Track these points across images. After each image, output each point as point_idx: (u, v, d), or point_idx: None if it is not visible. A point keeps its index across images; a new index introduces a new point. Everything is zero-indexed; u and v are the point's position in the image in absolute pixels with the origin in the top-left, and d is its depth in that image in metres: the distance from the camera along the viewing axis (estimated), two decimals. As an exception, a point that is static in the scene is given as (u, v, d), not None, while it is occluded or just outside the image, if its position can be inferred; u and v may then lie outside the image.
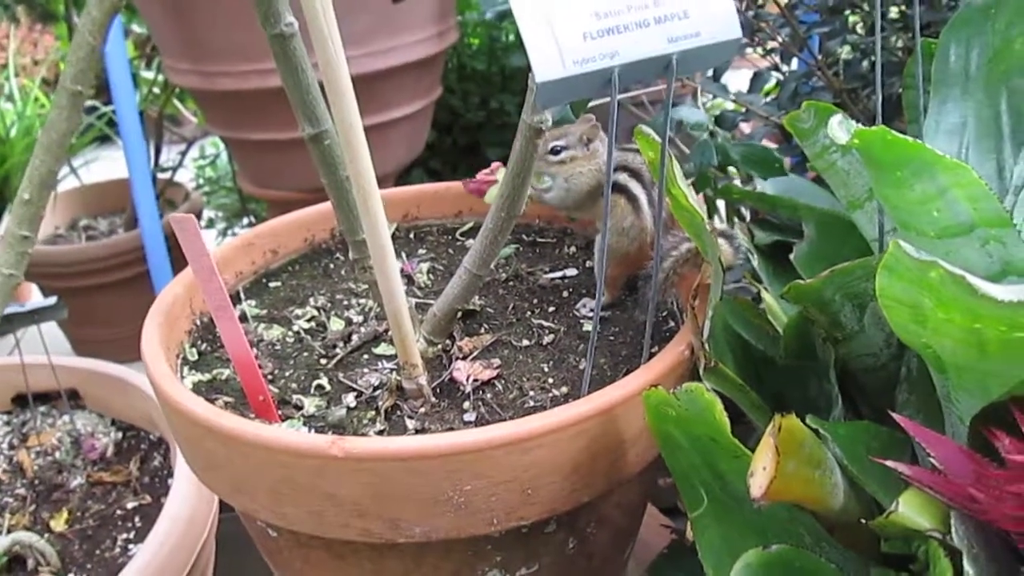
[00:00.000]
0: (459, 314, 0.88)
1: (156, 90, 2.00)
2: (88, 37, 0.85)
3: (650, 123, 1.02)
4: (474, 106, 1.90)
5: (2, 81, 2.18)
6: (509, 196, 0.79)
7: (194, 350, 0.90)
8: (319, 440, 0.67)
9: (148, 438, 1.26)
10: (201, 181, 2.23)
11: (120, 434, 1.27)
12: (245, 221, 2.15)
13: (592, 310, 0.91)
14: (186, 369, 0.87)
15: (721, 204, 1.25)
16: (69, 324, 1.96)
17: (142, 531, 1.14)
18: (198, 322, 0.94)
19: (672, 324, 0.88)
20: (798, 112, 0.79)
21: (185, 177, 2.18)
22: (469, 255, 0.83)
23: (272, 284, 1.02)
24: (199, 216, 2.02)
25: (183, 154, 2.04)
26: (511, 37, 1.91)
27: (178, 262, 1.89)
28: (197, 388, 0.84)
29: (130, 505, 1.18)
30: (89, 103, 2.21)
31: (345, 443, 0.66)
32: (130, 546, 1.12)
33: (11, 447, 1.29)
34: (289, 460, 0.68)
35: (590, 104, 0.95)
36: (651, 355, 0.78)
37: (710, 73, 1.08)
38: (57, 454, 1.26)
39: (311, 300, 0.98)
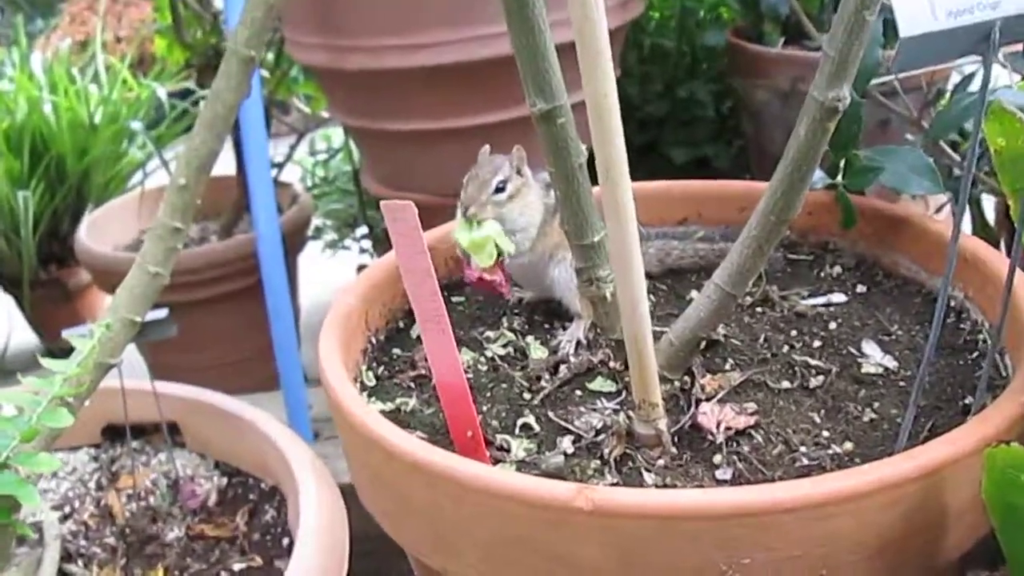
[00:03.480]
0: (700, 344, 0.88)
1: (264, 72, 2.10)
2: (268, -7, 0.90)
3: (940, 120, 1.00)
4: (655, 95, 1.91)
5: (87, 60, 2.33)
6: (783, 195, 0.79)
7: (371, 374, 0.94)
8: (561, 488, 0.68)
9: (259, 487, 1.30)
10: (309, 182, 2.32)
11: (225, 480, 1.32)
12: (360, 232, 2.21)
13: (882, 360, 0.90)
14: (364, 396, 0.90)
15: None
16: (147, 347, 2.07)
17: (251, 600, 1.18)
18: (373, 340, 0.97)
19: (983, 367, 0.86)
20: None
21: (292, 176, 2.27)
22: (721, 269, 0.83)
23: (455, 298, 1.06)
24: (307, 223, 2.10)
25: (293, 148, 2.13)
26: (708, 12, 1.92)
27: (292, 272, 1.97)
28: (379, 419, 0.87)
29: (237, 567, 1.22)
30: (182, 84, 2.34)
31: (594, 493, 0.67)
32: (237, 617, 1.16)
33: (99, 487, 1.35)
34: (517, 510, 0.69)
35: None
36: (967, 407, 0.76)
37: (1019, 47, 1.05)
38: (152, 499, 1.31)
39: (504, 321, 1.01)
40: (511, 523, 0.70)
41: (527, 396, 0.90)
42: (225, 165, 1.91)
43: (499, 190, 0.94)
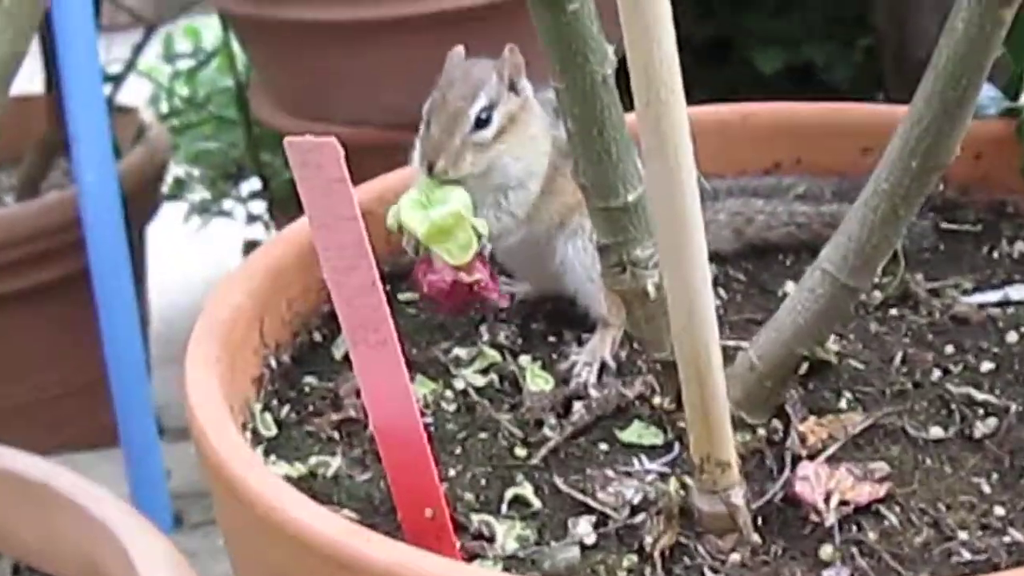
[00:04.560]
0: (800, 367, 0.89)
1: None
2: None
3: None
4: (729, -36, 1.93)
5: None
6: (932, 126, 0.80)
7: (269, 417, 0.95)
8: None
9: (85, 603, 1.32)
10: (166, 106, 2.32)
11: (30, 593, 1.33)
12: (248, 188, 2.22)
13: None
14: (259, 451, 0.91)
15: None
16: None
17: None
18: (273, 363, 0.99)
19: None
20: None
21: (137, 95, 2.27)
22: (833, 247, 0.85)
23: (403, 295, 1.07)
24: (161, 174, 2.10)
25: (138, 49, 2.14)
26: None
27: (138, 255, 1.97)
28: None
29: None
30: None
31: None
32: None
33: None
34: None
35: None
36: None
37: None
38: None
39: (484, 331, 1.03)
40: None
41: (521, 452, 0.92)
42: (28, 79, 1.92)
43: (481, 123, 0.95)
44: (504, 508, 0.87)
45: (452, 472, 0.91)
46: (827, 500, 0.84)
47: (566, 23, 0.78)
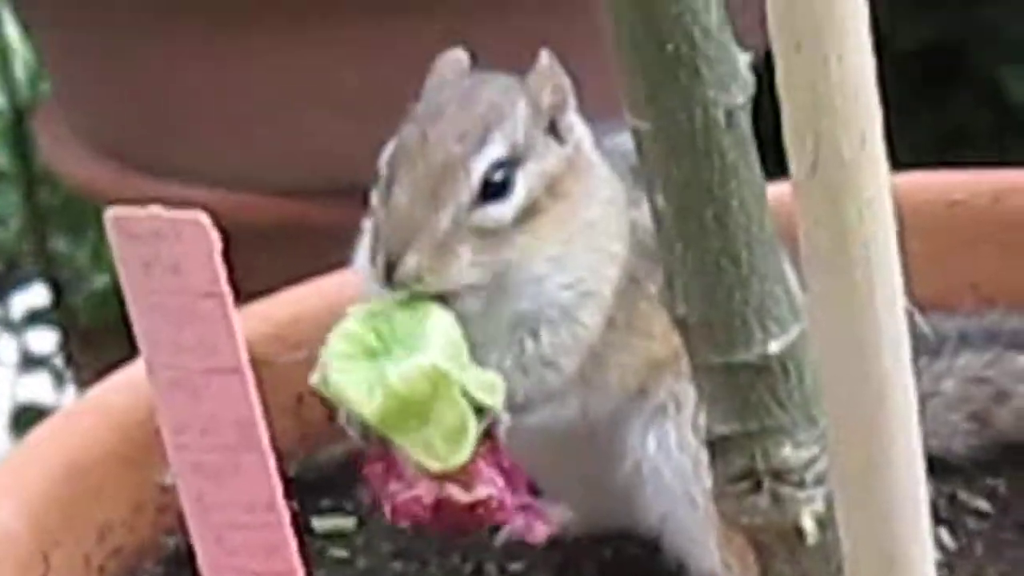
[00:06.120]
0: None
1: None
2: None
3: None
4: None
5: None
6: None
7: None
8: None
9: None
10: None
11: None
12: (25, 303, 2.26)
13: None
14: None
15: None
16: None
17: None
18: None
19: None
20: None
21: None
22: None
23: (326, 520, 1.09)
24: None
25: None
26: None
27: None
28: None
29: None
30: None
31: None
32: None
33: None
34: None
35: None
36: None
37: None
38: None
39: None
40: None
41: None
42: None
43: (494, 190, 0.95)
44: None
45: None
46: None
47: (662, 8, 0.79)
